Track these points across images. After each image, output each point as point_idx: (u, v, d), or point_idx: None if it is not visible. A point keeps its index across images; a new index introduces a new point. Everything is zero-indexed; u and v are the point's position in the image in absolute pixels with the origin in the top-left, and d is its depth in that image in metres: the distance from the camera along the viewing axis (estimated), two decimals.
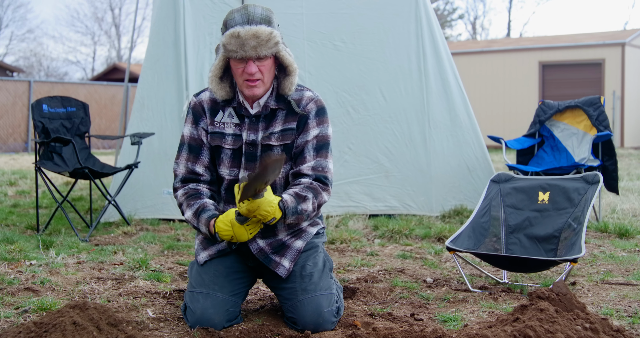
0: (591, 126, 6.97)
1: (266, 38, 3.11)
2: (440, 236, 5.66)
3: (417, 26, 6.90)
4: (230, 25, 3.14)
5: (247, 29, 3.09)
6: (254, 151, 3.30)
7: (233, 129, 3.32)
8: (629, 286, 4.10)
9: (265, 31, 3.11)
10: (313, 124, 3.32)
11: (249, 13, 3.14)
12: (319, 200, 3.25)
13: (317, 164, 3.30)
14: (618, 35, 20.83)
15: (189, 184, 3.38)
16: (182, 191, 3.37)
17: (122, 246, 5.30)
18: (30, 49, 44.84)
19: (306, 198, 3.19)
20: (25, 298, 3.75)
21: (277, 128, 3.30)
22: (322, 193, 3.27)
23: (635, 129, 20.42)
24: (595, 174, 4.47)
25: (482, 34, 45.64)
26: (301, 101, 3.32)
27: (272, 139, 3.30)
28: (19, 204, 7.70)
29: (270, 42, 3.13)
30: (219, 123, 3.34)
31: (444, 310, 3.66)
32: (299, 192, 3.19)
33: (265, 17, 3.16)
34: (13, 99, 19.00)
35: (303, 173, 3.29)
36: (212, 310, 3.24)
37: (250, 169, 3.30)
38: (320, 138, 3.33)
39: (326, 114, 3.37)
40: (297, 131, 3.32)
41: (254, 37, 3.09)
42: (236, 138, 3.31)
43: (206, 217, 3.23)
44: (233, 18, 3.15)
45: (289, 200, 3.13)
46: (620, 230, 5.82)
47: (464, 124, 6.98)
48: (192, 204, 3.31)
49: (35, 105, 6.28)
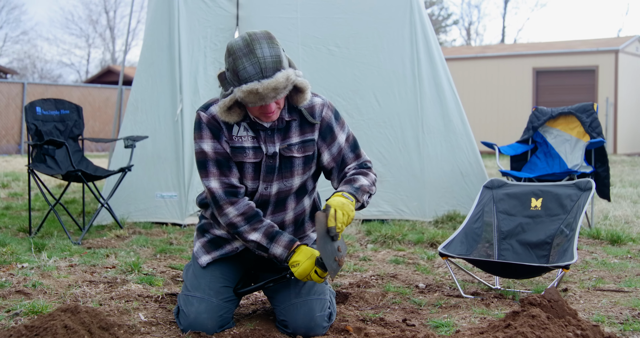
0: (584, 132, 6.99)
1: (284, 85, 3.03)
2: (433, 242, 5.66)
3: (412, 31, 6.91)
4: (244, 77, 2.99)
5: (265, 85, 2.97)
6: (273, 164, 3.29)
7: (251, 142, 3.27)
8: (621, 293, 4.11)
9: (282, 81, 3.00)
10: (337, 129, 3.36)
11: (260, 62, 2.97)
12: (370, 178, 3.34)
13: (357, 161, 3.41)
14: (612, 42, 20.89)
15: (234, 199, 3.25)
16: (234, 210, 3.24)
17: (114, 250, 5.29)
18: (24, 51, 44.77)
19: (356, 179, 3.28)
20: (16, 301, 3.74)
21: (294, 139, 3.30)
22: (369, 173, 3.37)
23: (628, 136, 20.49)
24: (588, 181, 4.48)
25: (476, 39, 45.76)
26: (314, 109, 3.31)
27: (293, 151, 3.29)
28: (11, 207, 7.67)
29: (287, 86, 3.05)
30: (237, 137, 3.26)
31: (436, 315, 3.66)
32: (348, 179, 3.30)
33: (275, 59, 3.01)
34: (6, 101, 18.96)
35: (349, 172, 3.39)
36: (206, 314, 3.24)
37: (268, 182, 3.30)
38: (349, 138, 3.41)
39: (339, 113, 3.43)
40: (325, 141, 3.34)
41: (273, 91, 3.00)
42: (257, 151, 3.27)
43: (287, 240, 3.24)
44: (245, 69, 2.99)
45: (344, 188, 3.22)
46: (612, 237, 5.83)
47: (457, 130, 6.98)
48: (258, 228, 3.25)
49: (28, 107, 6.27)
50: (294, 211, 3.41)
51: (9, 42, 43.78)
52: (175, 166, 6.52)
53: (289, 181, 3.32)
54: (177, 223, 6.47)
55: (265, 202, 3.34)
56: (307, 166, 3.34)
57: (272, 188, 3.31)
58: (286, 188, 3.33)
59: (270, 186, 3.31)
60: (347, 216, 3.09)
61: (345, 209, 3.09)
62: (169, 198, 6.51)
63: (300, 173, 3.33)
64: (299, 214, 3.44)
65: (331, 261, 3.08)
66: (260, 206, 3.34)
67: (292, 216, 3.42)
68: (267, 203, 3.34)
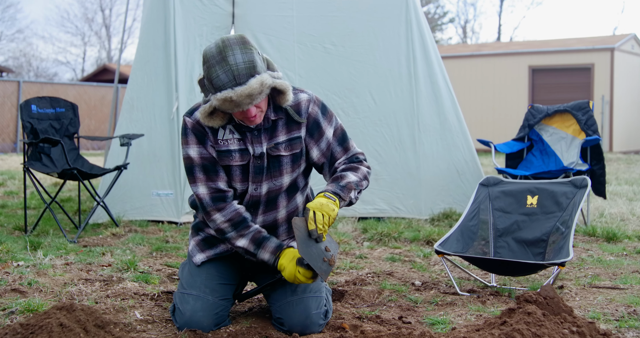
0: (580, 130, 7.00)
1: (259, 91, 2.99)
2: (429, 240, 5.67)
3: (407, 29, 6.91)
4: (217, 85, 2.97)
5: (239, 93, 2.95)
6: (261, 164, 3.27)
7: (237, 144, 3.25)
8: (616, 290, 4.12)
9: (257, 87, 2.97)
10: (325, 124, 3.33)
11: (232, 69, 2.94)
12: (361, 172, 3.32)
13: (346, 155, 3.38)
14: (607, 41, 20.93)
15: (221, 205, 3.26)
16: (221, 217, 3.25)
17: (110, 248, 5.28)
18: (20, 49, 44.68)
19: (343, 176, 3.26)
20: (12, 299, 3.73)
21: (281, 137, 3.28)
22: (360, 166, 3.34)
23: (623, 133, 20.53)
24: (584, 179, 4.48)
25: (472, 37, 45.80)
26: (300, 105, 3.28)
27: (281, 150, 3.27)
28: (6, 205, 7.66)
29: (263, 91, 3.02)
30: (223, 140, 3.25)
31: (432, 313, 3.66)
32: (335, 176, 3.28)
33: (248, 65, 2.97)
34: (2, 99, 18.92)
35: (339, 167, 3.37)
36: (202, 312, 3.24)
37: (257, 182, 3.29)
38: (337, 132, 3.37)
39: (327, 107, 3.38)
40: (313, 138, 3.32)
41: (247, 97, 2.97)
42: (243, 153, 3.26)
43: (274, 246, 3.24)
44: (218, 77, 2.97)
45: (329, 187, 3.21)
46: (608, 234, 5.84)
47: (453, 128, 6.99)
48: (245, 234, 3.26)
49: (24, 105, 6.26)
50: (286, 209, 3.41)
51: (5, 41, 43.70)
52: (171, 164, 6.52)
53: (279, 180, 3.31)
54: (173, 221, 6.47)
55: (256, 202, 3.34)
56: (295, 164, 3.33)
57: (262, 188, 3.30)
58: (276, 187, 3.32)
59: (260, 186, 3.30)
60: (327, 216, 3.09)
61: (324, 210, 3.09)
62: (164, 196, 6.51)
63: (289, 171, 3.32)
64: (291, 212, 3.44)
65: (319, 263, 3.08)
66: (252, 207, 3.34)
67: (285, 214, 3.41)
68: (258, 203, 3.34)
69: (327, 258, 3.11)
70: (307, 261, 3.03)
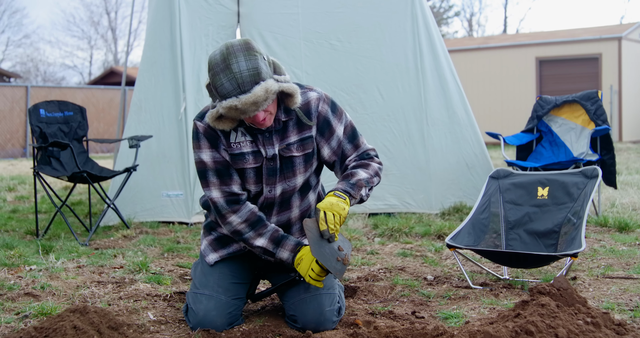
0: (589, 120, 6.97)
1: (264, 98, 2.98)
2: (440, 234, 5.66)
3: (414, 24, 6.89)
4: (222, 93, 2.97)
5: (243, 101, 2.94)
6: (274, 166, 3.27)
7: (250, 146, 3.24)
8: (630, 280, 4.10)
9: (261, 94, 2.95)
10: (335, 122, 3.32)
11: (236, 77, 2.93)
12: (372, 169, 3.30)
13: (357, 152, 3.36)
14: (615, 30, 20.82)
15: (236, 207, 3.26)
16: (237, 218, 3.26)
17: (121, 250, 5.29)
18: (27, 55, 44.93)
19: (353, 173, 3.24)
20: (25, 303, 3.74)
21: (293, 138, 3.27)
22: (371, 163, 3.33)
23: (633, 123, 20.43)
24: (594, 169, 4.46)
25: (478, 30, 45.67)
26: (310, 104, 3.27)
27: (293, 150, 3.27)
28: (18, 210, 7.69)
29: (269, 98, 3.00)
30: (235, 143, 3.24)
31: (445, 307, 3.65)
32: (345, 174, 3.27)
33: (253, 72, 2.95)
34: (10, 104, 18.99)
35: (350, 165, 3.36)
36: (215, 312, 3.24)
37: (271, 184, 3.29)
38: (347, 129, 3.36)
39: (337, 104, 3.37)
40: (324, 136, 3.31)
41: (252, 105, 2.96)
42: (256, 155, 3.25)
43: (294, 244, 3.25)
44: (222, 85, 2.97)
45: (339, 185, 3.20)
46: (620, 224, 5.82)
47: (462, 121, 6.97)
48: (263, 233, 3.26)
49: (32, 110, 6.28)
50: (299, 208, 3.41)
51: (12, 46, 43.93)
52: (181, 165, 6.53)
53: (292, 181, 3.31)
54: (184, 221, 6.48)
55: (271, 204, 3.34)
56: (308, 163, 3.32)
57: (276, 189, 3.30)
58: (290, 187, 3.32)
59: (273, 188, 3.30)
60: (338, 216, 3.09)
61: (334, 209, 3.09)
62: (175, 196, 6.51)
63: (302, 171, 3.32)
64: (304, 210, 3.44)
65: (333, 262, 3.07)
66: (266, 208, 3.34)
67: (298, 213, 3.41)
68: (273, 204, 3.34)
69: (340, 258, 3.11)
70: (321, 262, 3.03)
